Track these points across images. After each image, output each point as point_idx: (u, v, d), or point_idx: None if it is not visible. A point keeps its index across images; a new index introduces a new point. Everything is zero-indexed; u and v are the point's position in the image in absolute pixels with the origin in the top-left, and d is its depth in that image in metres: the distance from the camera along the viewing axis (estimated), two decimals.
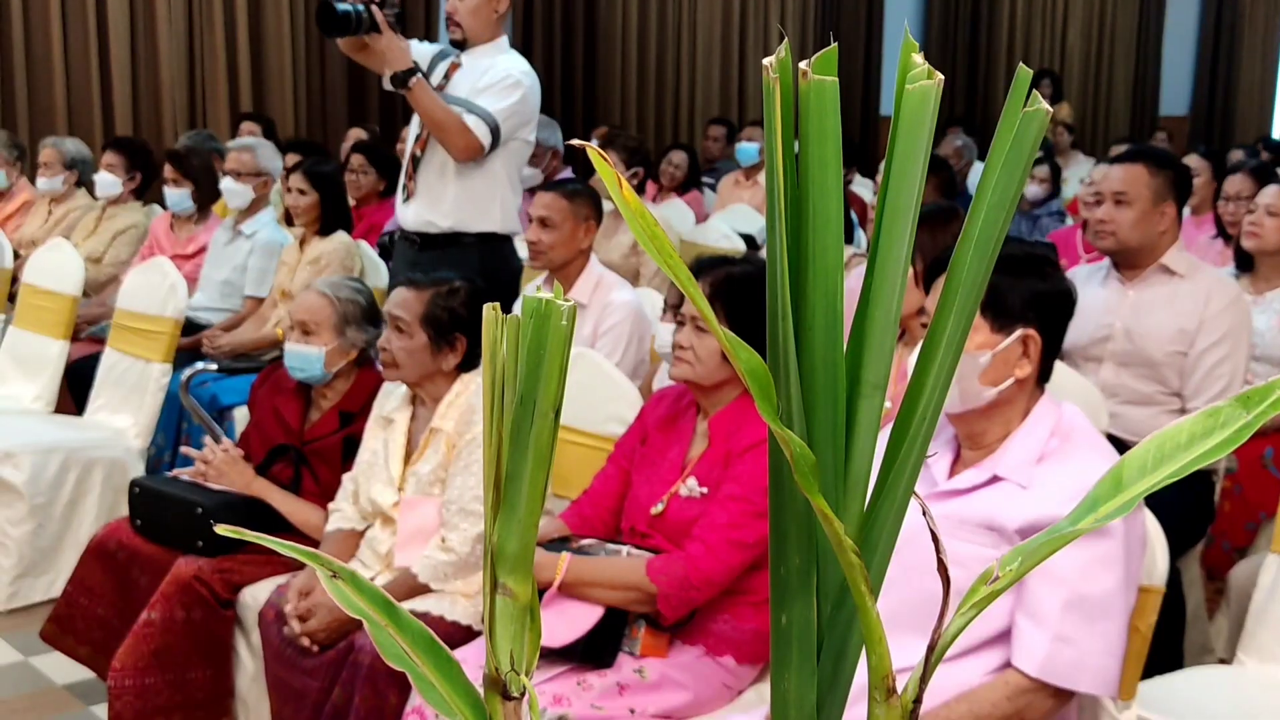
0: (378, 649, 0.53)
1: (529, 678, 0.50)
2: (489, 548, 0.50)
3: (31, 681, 3.44)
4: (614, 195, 0.52)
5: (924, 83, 0.57)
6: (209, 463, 3.07)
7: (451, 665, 0.52)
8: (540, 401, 0.48)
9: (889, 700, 0.59)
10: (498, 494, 0.49)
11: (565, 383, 0.50)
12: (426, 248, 3.75)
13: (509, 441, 0.49)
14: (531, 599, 0.50)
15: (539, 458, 0.49)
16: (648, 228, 0.52)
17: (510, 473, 0.49)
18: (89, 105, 7.48)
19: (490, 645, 0.51)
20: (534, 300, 0.49)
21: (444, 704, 0.51)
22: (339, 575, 0.51)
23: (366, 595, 0.52)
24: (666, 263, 0.53)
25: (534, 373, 0.48)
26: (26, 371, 4.57)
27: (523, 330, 0.48)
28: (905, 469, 0.60)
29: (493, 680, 0.50)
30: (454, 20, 3.73)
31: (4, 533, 3.87)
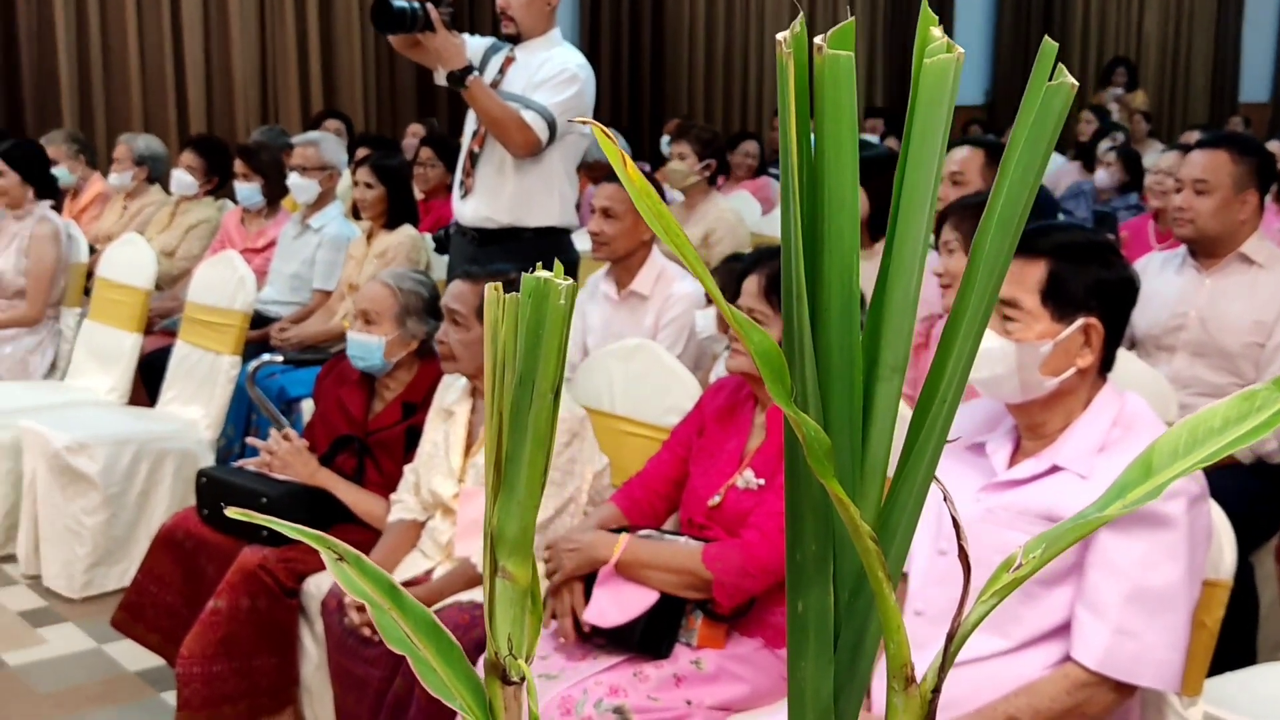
0: (381, 633, 0.52)
1: (528, 663, 0.50)
2: (488, 530, 0.50)
3: (105, 668, 3.51)
4: (619, 173, 0.52)
5: (943, 56, 0.56)
6: (274, 453, 3.11)
7: (453, 650, 0.52)
8: (539, 381, 0.48)
9: (907, 690, 0.58)
10: (498, 476, 0.48)
11: (565, 363, 0.49)
12: (485, 243, 3.76)
13: (509, 422, 0.48)
14: (531, 583, 0.49)
15: (538, 439, 0.48)
16: (654, 206, 0.51)
17: (510, 454, 0.48)
18: (164, 103, 7.61)
19: (490, 629, 0.50)
20: (533, 279, 0.48)
21: (444, 688, 0.50)
22: (344, 558, 0.51)
23: (370, 578, 0.52)
24: (674, 243, 0.53)
25: (533, 352, 0.47)
26: (101, 364, 4.65)
27: (522, 310, 0.48)
28: (925, 454, 0.58)
29: (492, 665, 0.49)
30: (507, 14, 3.73)
31: (79, 522, 3.94)
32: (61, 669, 3.50)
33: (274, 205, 5.32)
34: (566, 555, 2.42)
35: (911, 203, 0.57)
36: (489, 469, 0.49)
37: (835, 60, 0.55)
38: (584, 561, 2.40)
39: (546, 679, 2.34)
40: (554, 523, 2.65)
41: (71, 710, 3.26)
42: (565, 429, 2.66)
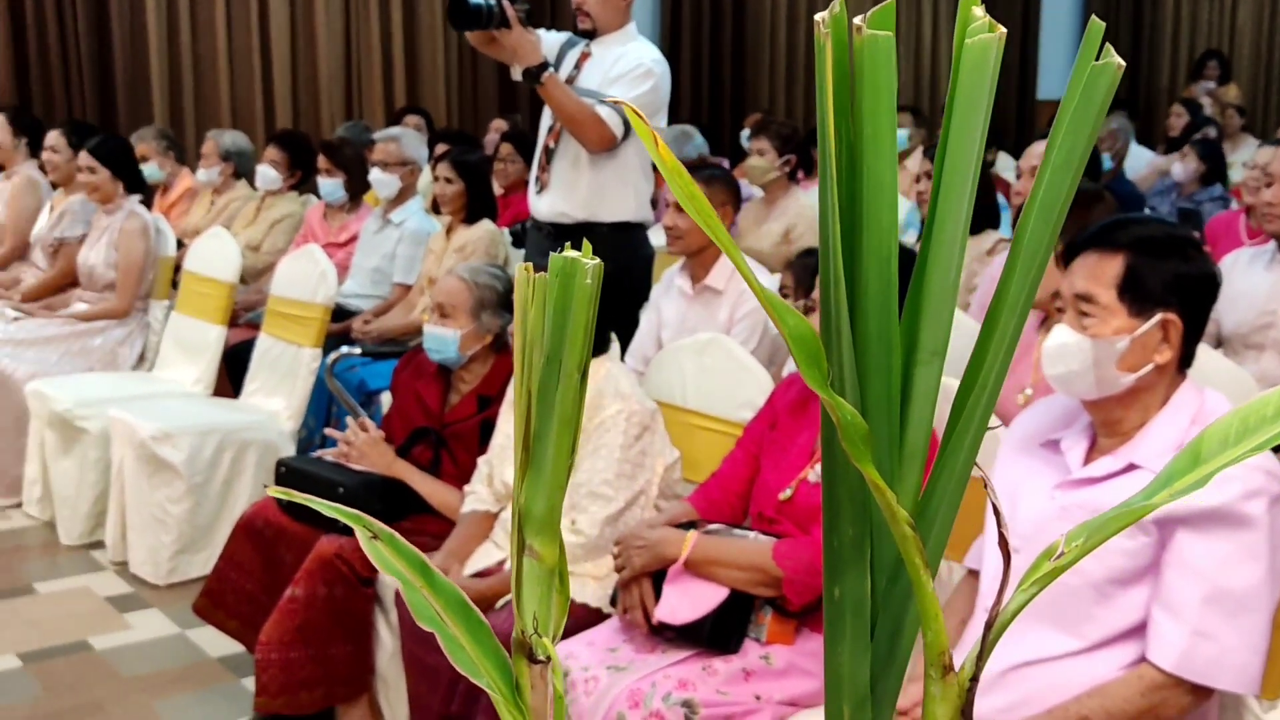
0: (411, 611, 0.53)
1: (554, 642, 0.50)
2: (516, 509, 0.50)
3: (187, 653, 3.58)
4: (651, 153, 0.51)
5: (984, 36, 0.55)
6: (351, 444, 3.15)
7: (482, 628, 0.52)
8: (566, 361, 0.48)
9: (945, 678, 0.57)
10: (526, 455, 0.49)
11: (591, 342, 0.49)
12: (560, 237, 3.78)
13: (536, 402, 0.48)
14: (558, 562, 0.49)
15: (565, 418, 0.48)
16: (686, 187, 0.51)
17: (537, 433, 0.48)
18: (251, 100, 7.75)
19: (517, 608, 0.51)
20: (560, 259, 0.49)
21: (472, 666, 0.51)
22: (379, 536, 0.52)
23: (403, 556, 0.52)
24: (707, 225, 0.52)
25: (559, 332, 0.48)
26: (187, 356, 4.75)
27: (549, 290, 0.48)
28: (965, 440, 0.58)
29: (519, 643, 0.50)
30: (583, 10, 3.75)
31: (164, 510, 4.02)
32: (145, 653, 3.57)
33: (356, 200, 5.39)
34: (635, 552, 2.42)
35: (952, 185, 0.56)
36: (518, 448, 0.49)
37: (874, 41, 0.55)
38: (652, 559, 2.40)
39: (615, 671, 2.35)
40: (624, 515, 2.66)
41: (154, 694, 3.33)
42: (636, 422, 2.67)
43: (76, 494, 4.35)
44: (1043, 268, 0.58)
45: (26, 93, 7.09)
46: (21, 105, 6.69)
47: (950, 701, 0.58)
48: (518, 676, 0.50)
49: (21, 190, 5.54)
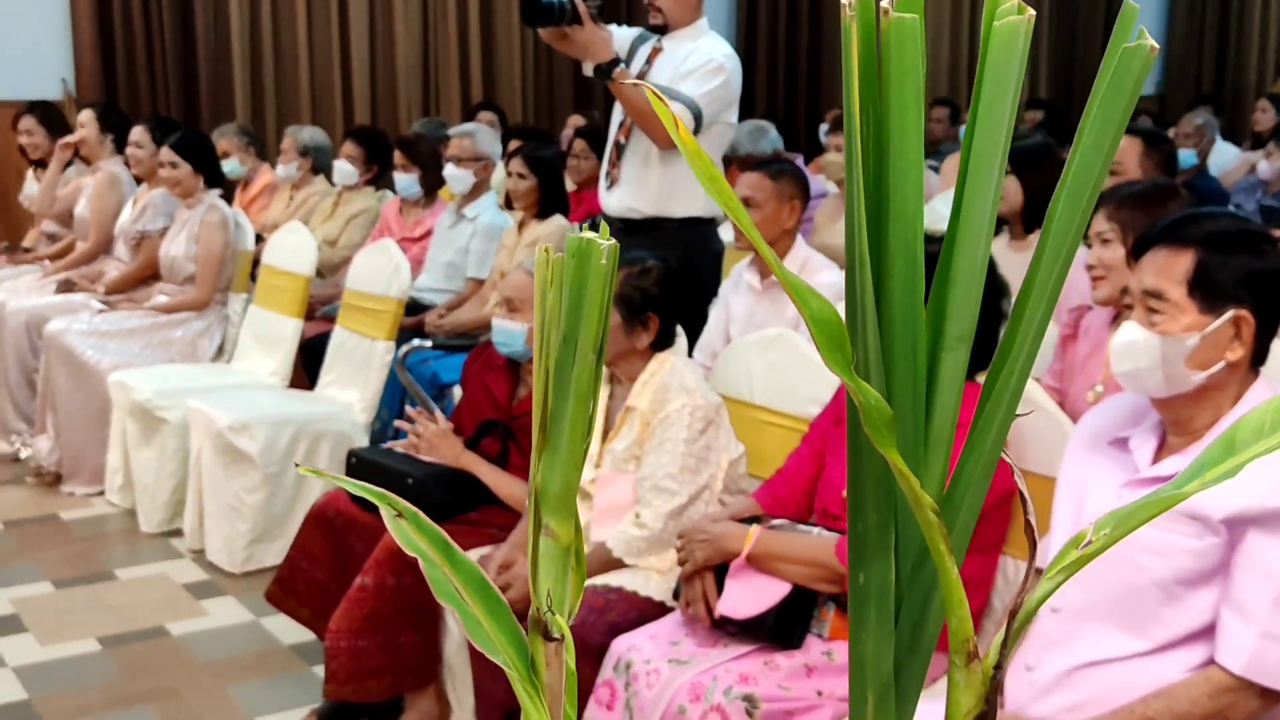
0: (432, 587, 0.53)
1: (568, 620, 0.50)
2: (534, 488, 0.50)
3: (260, 640, 3.64)
4: (672, 136, 0.52)
5: (1013, 18, 0.55)
6: (421, 436, 3.18)
7: (500, 606, 0.53)
8: (582, 341, 0.48)
9: (969, 665, 0.57)
10: (542, 434, 0.49)
11: (607, 323, 0.50)
12: (630, 233, 3.79)
13: (553, 382, 0.49)
14: (573, 540, 0.50)
15: (580, 398, 0.49)
16: (706, 169, 0.52)
17: (554, 413, 0.49)
18: (331, 96, 7.86)
19: (532, 586, 0.51)
20: (576, 240, 0.49)
21: (489, 643, 0.51)
22: (403, 515, 0.52)
23: (427, 535, 0.53)
24: (727, 205, 0.53)
25: (575, 312, 0.48)
26: (265, 348, 4.83)
27: (566, 270, 0.48)
28: (992, 426, 0.57)
29: (535, 621, 0.50)
30: (654, 5, 3.75)
31: (240, 500, 4.10)
32: (220, 640, 3.64)
33: (431, 195, 5.44)
34: (698, 546, 2.42)
35: (979, 168, 0.56)
36: (536, 429, 0.50)
37: (900, 24, 0.55)
38: (715, 553, 2.40)
39: (677, 664, 2.35)
40: (688, 509, 2.66)
41: (227, 679, 3.39)
42: (701, 416, 2.66)
43: (156, 483, 4.44)
44: (1071, 254, 0.57)
45: (114, 90, 7.25)
46: (108, 102, 6.84)
47: (974, 689, 0.58)
48: (533, 654, 0.50)
49: (105, 186, 5.67)
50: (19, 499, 4.76)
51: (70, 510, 4.66)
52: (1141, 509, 0.57)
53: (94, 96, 6.92)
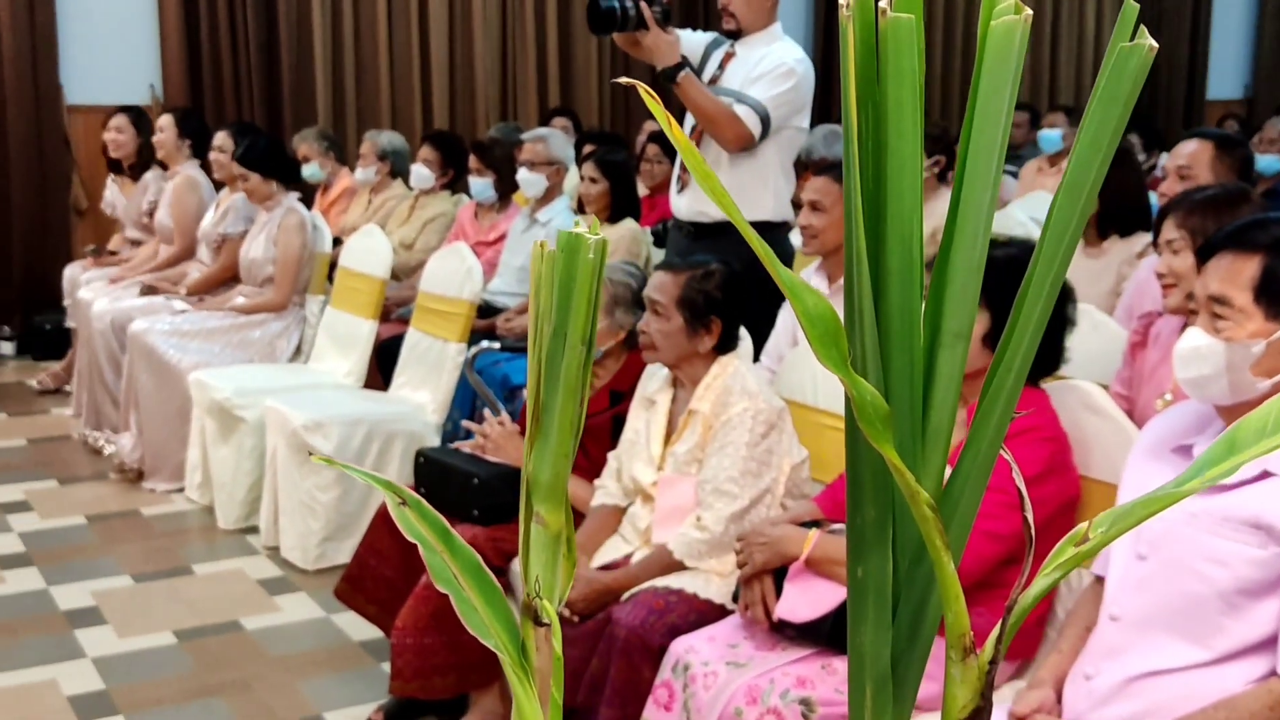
0: (430, 573, 0.55)
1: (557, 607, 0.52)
2: (525, 477, 0.52)
3: (330, 636, 3.70)
4: (666, 132, 0.53)
5: (1009, 18, 0.55)
6: (488, 436, 3.21)
7: (494, 592, 0.54)
8: (571, 333, 0.49)
9: (965, 660, 0.57)
10: (535, 425, 0.50)
11: (596, 315, 0.51)
12: (699, 236, 3.80)
13: (545, 373, 0.50)
14: (563, 528, 0.51)
15: (569, 389, 0.50)
16: (698, 166, 0.53)
17: (545, 404, 0.50)
18: (410, 101, 7.96)
19: (524, 572, 0.53)
20: (565, 234, 0.50)
21: (483, 628, 0.53)
22: (406, 503, 0.54)
23: (428, 522, 0.55)
24: (720, 202, 0.54)
25: (565, 305, 0.49)
26: (340, 349, 4.91)
27: (556, 264, 0.49)
28: (990, 423, 0.58)
29: (526, 607, 0.51)
30: (728, 11, 3.76)
31: (313, 498, 4.17)
32: (292, 635, 3.71)
33: (506, 199, 5.50)
34: (757, 549, 2.42)
35: (976, 167, 0.56)
36: (530, 419, 0.51)
37: (897, 23, 0.55)
38: (774, 556, 2.40)
39: (735, 667, 2.36)
40: (750, 513, 2.66)
41: (298, 674, 3.45)
42: (763, 420, 2.67)
43: (233, 480, 4.53)
44: (1071, 249, 0.57)
45: (199, 97, 7.41)
46: (194, 108, 6.99)
47: (970, 684, 0.58)
48: (524, 639, 0.51)
49: (184, 191, 5.79)
50: (102, 494, 4.88)
51: (151, 506, 4.77)
52: (1140, 506, 0.57)
53: (181, 103, 7.08)
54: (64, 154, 7.20)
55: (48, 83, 7.05)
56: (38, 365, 6.78)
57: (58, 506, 4.71)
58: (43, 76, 7.02)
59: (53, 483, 4.99)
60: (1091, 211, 3.53)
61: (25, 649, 3.56)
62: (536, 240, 1.90)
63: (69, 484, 4.99)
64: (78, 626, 3.71)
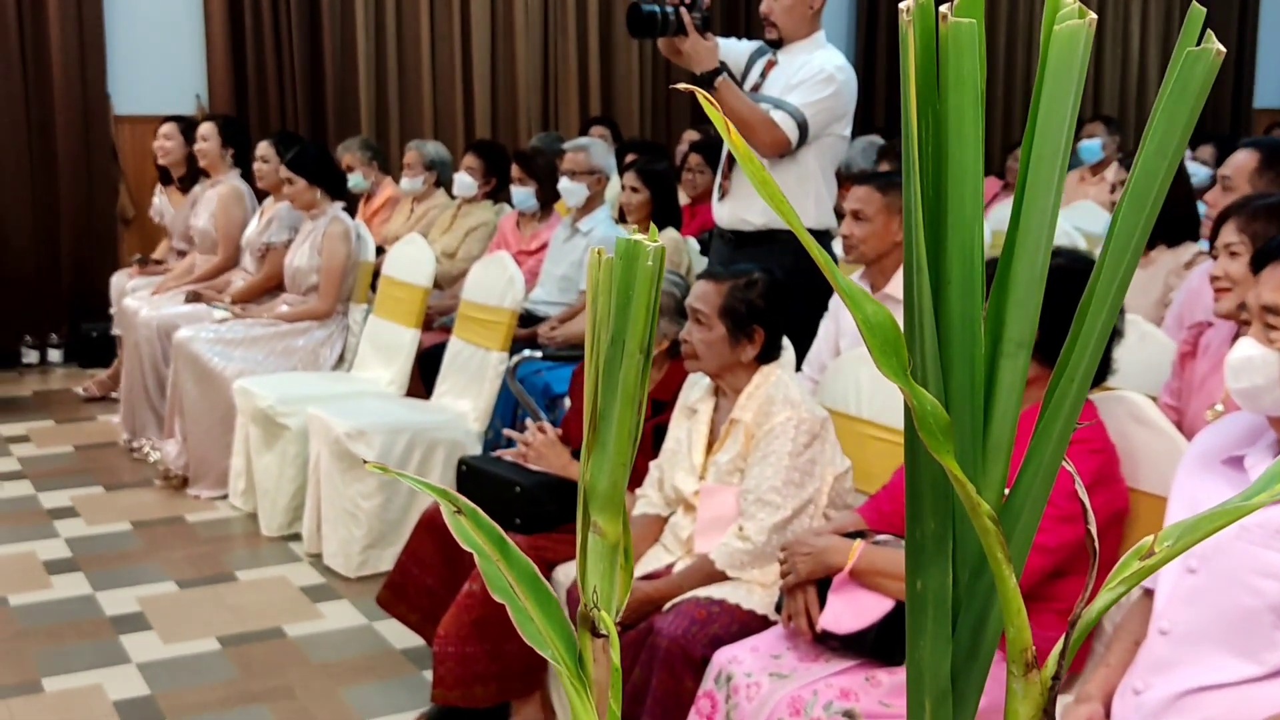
0: (486, 582, 0.55)
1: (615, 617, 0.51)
2: (582, 486, 0.51)
3: (372, 644, 3.72)
4: (724, 138, 0.52)
5: (1073, 23, 0.54)
6: (529, 444, 3.22)
7: (551, 602, 0.54)
8: (629, 341, 0.49)
9: (1027, 676, 0.56)
10: (592, 433, 0.50)
11: (655, 323, 0.50)
12: (741, 245, 3.79)
13: (602, 381, 0.50)
14: (621, 538, 0.51)
15: (627, 397, 0.50)
16: (757, 173, 0.52)
17: (602, 412, 0.50)
18: (452, 110, 8.00)
19: (581, 582, 0.52)
20: (624, 241, 0.50)
21: (539, 638, 0.52)
22: (462, 511, 0.54)
23: (484, 531, 0.54)
24: (780, 209, 0.53)
25: (623, 312, 0.49)
26: (383, 357, 4.93)
27: (614, 272, 0.49)
28: (1053, 433, 0.57)
29: (583, 617, 0.51)
30: (769, 20, 3.76)
31: (356, 505, 4.18)
32: (334, 642, 3.72)
33: (548, 209, 5.51)
34: (800, 560, 2.41)
35: (1039, 174, 0.55)
36: (587, 428, 0.51)
37: (958, 29, 0.55)
38: (817, 566, 2.39)
39: (778, 678, 2.34)
40: (792, 523, 2.65)
41: (339, 681, 3.47)
42: (806, 430, 2.65)
43: (276, 488, 4.56)
44: (1136, 258, 0.56)
45: (244, 106, 7.47)
46: (239, 117, 7.05)
47: (1033, 700, 0.57)
48: (581, 650, 0.51)
49: (229, 200, 5.84)
50: (147, 501, 4.93)
51: (195, 513, 4.81)
52: (1205, 520, 0.56)
53: (226, 112, 7.14)
54: (111, 164, 7.28)
55: (96, 93, 7.13)
56: (84, 373, 6.86)
57: (103, 513, 4.76)
58: (91, 87, 7.10)
59: (99, 489, 5.04)
60: (1155, 219, 3.49)
61: (72, 654, 3.59)
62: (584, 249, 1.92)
63: (114, 490, 5.04)
64: (123, 632, 3.74)
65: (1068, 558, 2.24)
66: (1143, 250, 0.57)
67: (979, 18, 0.55)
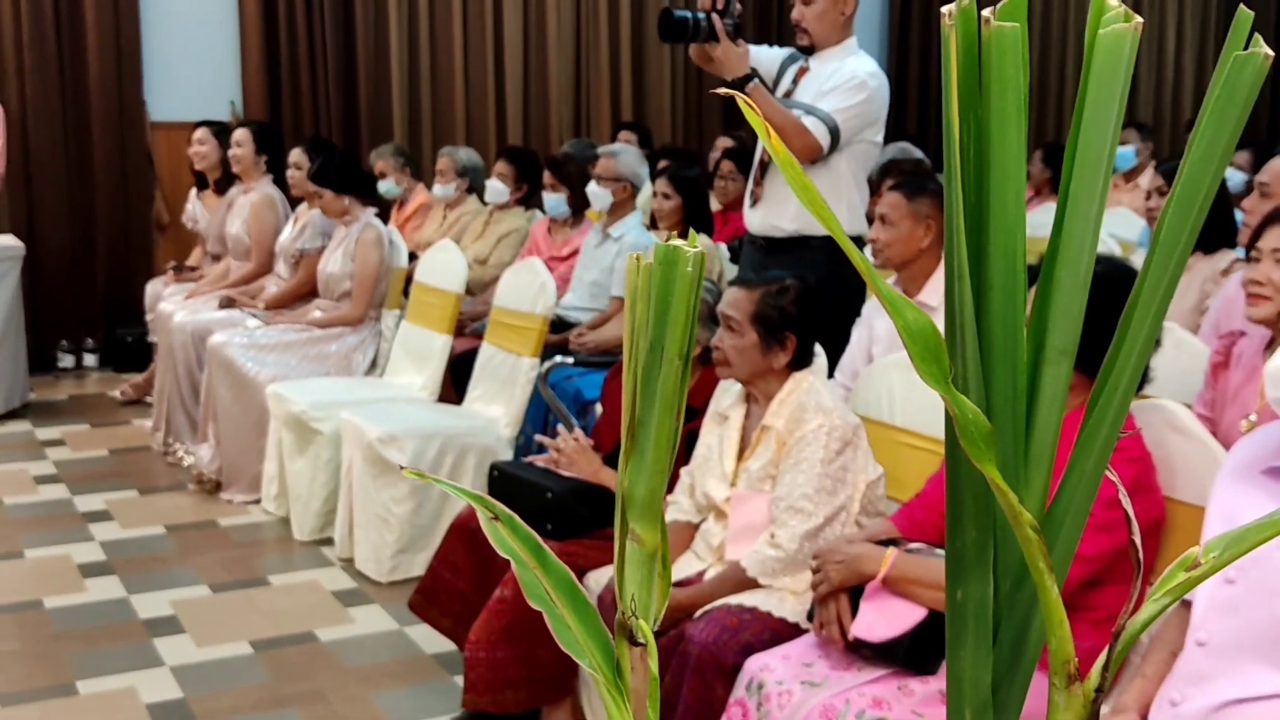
0: (523, 590, 0.54)
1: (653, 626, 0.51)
2: (620, 493, 0.51)
3: (404, 648, 3.72)
4: (764, 142, 0.52)
5: (1119, 26, 0.54)
6: (561, 450, 3.22)
7: (588, 609, 0.53)
8: (668, 347, 0.49)
9: (1070, 687, 0.55)
10: (630, 440, 0.50)
11: (694, 330, 0.50)
12: (773, 251, 3.78)
13: (640, 388, 0.49)
14: (659, 546, 0.50)
15: (666, 404, 0.49)
16: (797, 179, 0.52)
17: (640, 419, 0.49)
18: (485, 117, 8.03)
19: (619, 590, 0.52)
20: (663, 247, 0.50)
21: (576, 646, 0.52)
22: (499, 518, 0.54)
23: (521, 538, 0.54)
24: (821, 217, 0.53)
25: (662, 318, 0.49)
26: (415, 362, 4.95)
27: (653, 278, 0.49)
28: (1096, 442, 0.56)
29: (621, 625, 0.51)
30: (801, 26, 3.76)
31: (388, 510, 4.19)
32: (366, 647, 3.73)
33: (579, 215, 5.51)
34: (833, 567, 2.40)
35: (1083, 180, 0.55)
36: (625, 435, 0.50)
37: (1002, 33, 0.54)
38: (850, 574, 2.38)
39: (810, 686, 2.33)
40: (824, 531, 2.64)
41: (371, 685, 3.47)
42: (838, 437, 2.64)
43: (309, 492, 4.58)
44: (1181, 265, 0.56)
45: (278, 113, 7.52)
46: (273, 123, 7.09)
47: (1075, 712, 0.56)
48: (619, 658, 0.51)
49: (262, 208, 5.87)
50: (181, 505, 4.96)
51: (228, 517, 4.83)
52: (1253, 531, 0.55)
53: (260, 118, 7.18)
54: (147, 170, 7.34)
55: (132, 100, 7.19)
56: (119, 377, 6.91)
57: (138, 516, 4.79)
58: (127, 94, 7.16)
59: (133, 493, 5.08)
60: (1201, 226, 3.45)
61: (106, 657, 3.61)
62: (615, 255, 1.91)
63: (149, 494, 5.07)
64: (156, 635, 3.76)
65: (1104, 567, 2.22)
66: (1188, 258, 0.56)
67: (1022, 21, 0.55)
